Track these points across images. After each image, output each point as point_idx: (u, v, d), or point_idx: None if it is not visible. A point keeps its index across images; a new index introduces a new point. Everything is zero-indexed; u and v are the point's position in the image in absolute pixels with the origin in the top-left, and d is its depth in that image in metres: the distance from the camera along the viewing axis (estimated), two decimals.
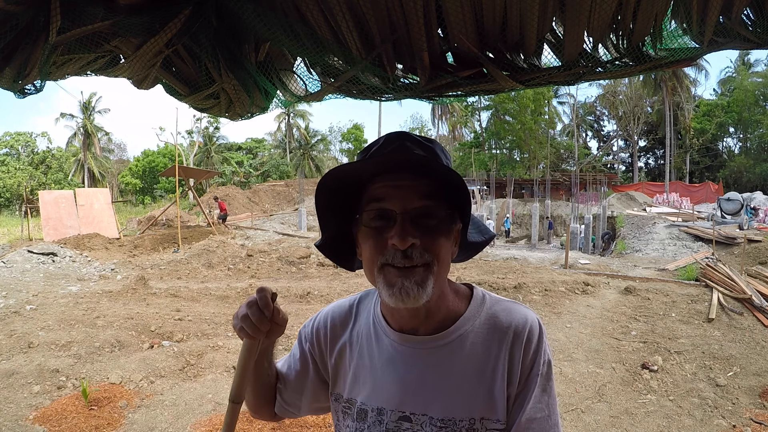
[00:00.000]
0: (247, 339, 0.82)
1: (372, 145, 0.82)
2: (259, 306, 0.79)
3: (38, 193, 18.32)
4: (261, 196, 31.17)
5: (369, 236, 0.77)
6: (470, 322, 0.82)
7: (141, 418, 3.73)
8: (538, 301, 7.41)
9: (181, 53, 1.47)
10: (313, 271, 10.22)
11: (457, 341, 0.81)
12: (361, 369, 0.87)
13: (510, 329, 0.80)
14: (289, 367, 0.98)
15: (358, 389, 0.86)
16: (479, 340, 0.81)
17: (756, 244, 11.98)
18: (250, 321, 0.79)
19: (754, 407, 4.15)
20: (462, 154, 44.96)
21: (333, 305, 0.98)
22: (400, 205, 0.74)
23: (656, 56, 1.32)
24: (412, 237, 0.72)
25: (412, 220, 0.73)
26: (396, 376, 0.82)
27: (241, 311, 0.81)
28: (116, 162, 50.35)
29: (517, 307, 0.85)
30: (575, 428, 3.79)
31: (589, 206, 22.24)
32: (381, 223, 0.75)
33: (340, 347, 0.91)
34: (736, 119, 37.85)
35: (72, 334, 5.38)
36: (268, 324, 0.80)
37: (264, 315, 0.79)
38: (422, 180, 0.75)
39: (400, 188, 0.74)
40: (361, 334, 0.89)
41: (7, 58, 1.28)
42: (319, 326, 0.95)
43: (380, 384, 0.83)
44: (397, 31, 1.30)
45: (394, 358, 0.83)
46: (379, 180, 0.77)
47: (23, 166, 42.25)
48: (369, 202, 0.77)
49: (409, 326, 0.83)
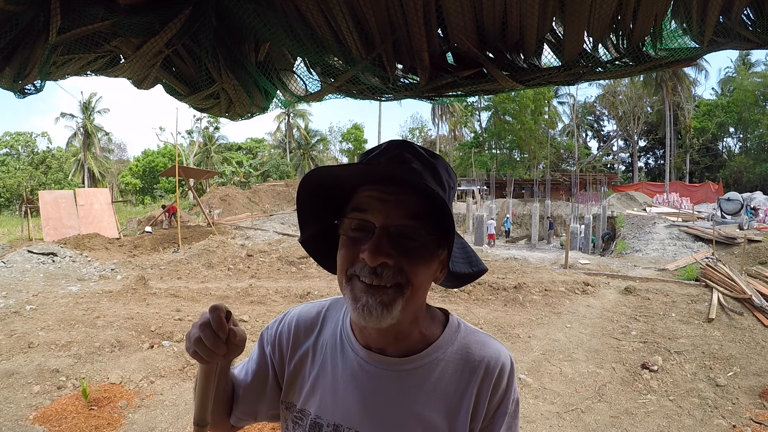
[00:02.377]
0: (202, 363, 0.74)
1: (373, 149, 0.78)
2: (213, 327, 0.70)
3: (38, 193, 18.33)
4: (261, 196, 31.17)
5: (344, 244, 0.73)
6: (442, 350, 0.79)
7: (141, 418, 3.73)
8: (538, 301, 7.41)
9: (181, 53, 1.47)
10: (313, 271, 10.22)
11: (426, 368, 0.78)
12: (321, 381, 0.82)
13: (482, 364, 0.78)
14: (246, 372, 0.91)
15: (313, 401, 0.82)
16: (449, 369, 0.78)
17: (756, 244, 11.99)
18: (203, 345, 0.70)
19: (754, 407, 4.15)
20: (462, 154, 44.97)
21: (299, 308, 0.93)
22: (381, 220, 0.69)
23: (656, 56, 1.32)
24: (385, 256, 0.68)
25: (390, 237, 0.69)
26: (358, 395, 0.78)
27: (194, 333, 0.72)
28: (116, 162, 50.37)
29: (491, 341, 0.82)
30: (575, 428, 3.79)
31: (589, 206, 22.24)
32: (359, 234, 0.71)
33: (302, 354, 0.86)
34: (736, 119, 37.85)
35: (72, 334, 5.38)
36: (224, 347, 0.71)
37: (219, 337, 0.70)
38: (412, 197, 0.69)
39: (384, 202, 0.70)
40: (325, 344, 0.85)
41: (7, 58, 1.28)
42: (283, 329, 0.90)
43: (340, 400, 0.79)
44: (397, 31, 1.30)
45: (358, 375, 0.79)
46: (366, 188, 0.72)
47: (23, 166, 42.25)
48: (351, 210, 0.73)
49: (378, 345, 0.79)
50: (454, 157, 45.21)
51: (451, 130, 47.52)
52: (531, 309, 7.01)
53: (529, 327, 6.22)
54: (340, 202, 0.77)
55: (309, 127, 47.56)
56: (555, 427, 3.80)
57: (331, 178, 0.74)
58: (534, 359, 5.14)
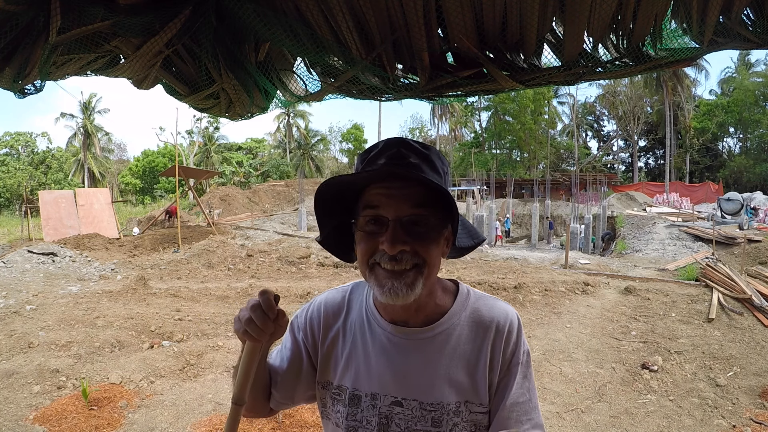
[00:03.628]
0: (251, 342, 0.82)
1: (371, 149, 0.86)
2: (263, 308, 0.80)
3: (38, 193, 18.34)
4: (261, 196, 31.16)
5: (362, 239, 0.82)
6: (456, 316, 0.90)
7: (141, 418, 3.73)
8: (538, 301, 7.41)
9: (181, 53, 1.47)
10: (313, 271, 10.22)
11: (445, 333, 0.88)
12: (354, 357, 0.91)
13: (492, 323, 0.89)
14: (282, 359, 1.00)
15: (349, 376, 0.91)
16: (464, 332, 0.89)
17: (756, 244, 11.98)
18: (254, 324, 0.80)
19: (754, 407, 4.15)
20: (462, 154, 44.95)
21: (325, 295, 1.02)
22: (392, 213, 0.79)
23: (656, 56, 1.32)
24: (402, 243, 0.78)
25: (403, 226, 0.78)
26: (389, 365, 0.88)
27: (244, 314, 0.81)
28: (116, 162, 50.37)
29: (498, 303, 0.93)
30: (575, 428, 3.79)
31: (589, 206, 22.23)
32: (374, 227, 0.80)
33: (333, 336, 0.95)
34: (736, 119, 37.83)
35: (72, 334, 5.38)
36: (272, 326, 0.81)
37: (268, 317, 0.80)
38: (416, 188, 0.79)
39: (393, 197, 0.79)
40: (354, 324, 0.94)
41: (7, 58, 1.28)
42: (313, 315, 0.99)
43: (374, 371, 0.89)
44: (397, 31, 1.30)
45: (387, 347, 0.89)
46: (374, 187, 0.81)
47: (23, 166, 42.26)
48: (364, 208, 0.82)
49: (401, 318, 0.89)
50: (454, 157, 45.20)
51: (451, 130, 47.52)
52: (531, 309, 7.00)
53: (529, 327, 6.22)
54: (351, 203, 0.87)
55: (309, 127, 47.55)
56: (555, 427, 3.80)
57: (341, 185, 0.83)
58: (534, 359, 5.14)
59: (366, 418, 0.88)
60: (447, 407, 0.85)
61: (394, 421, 0.86)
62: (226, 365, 4.74)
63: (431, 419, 0.85)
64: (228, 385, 4.34)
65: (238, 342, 3.96)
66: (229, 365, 4.73)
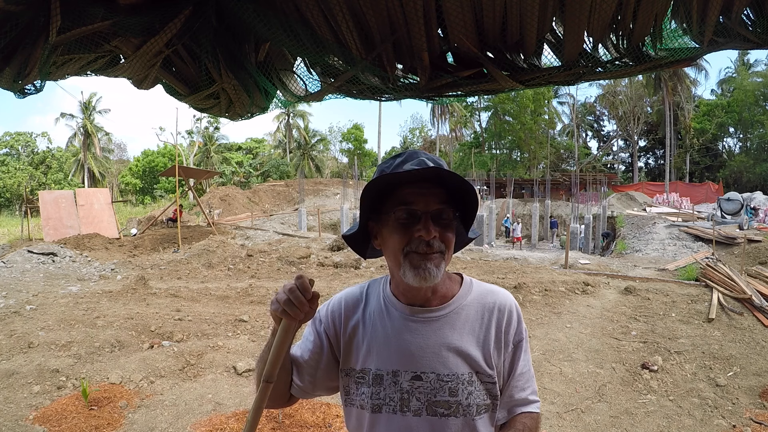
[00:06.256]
0: (287, 320, 0.91)
1: (395, 157, 1.01)
2: (300, 290, 0.89)
3: (38, 193, 18.33)
4: (261, 196, 31.16)
5: (396, 230, 0.96)
6: (463, 299, 1.05)
7: (141, 418, 3.73)
8: (538, 301, 7.41)
9: (181, 53, 1.47)
10: (313, 271, 10.21)
11: (455, 312, 1.03)
12: (374, 342, 1.03)
13: (495, 305, 1.05)
14: (303, 350, 1.10)
15: (371, 359, 1.02)
16: (472, 312, 1.04)
17: (756, 244, 11.98)
18: (291, 303, 0.89)
19: (754, 407, 4.15)
20: (462, 154, 44.92)
21: (344, 291, 1.15)
22: (424, 207, 0.94)
23: (656, 56, 1.32)
24: (435, 231, 0.93)
25: (432, 218, 0.94)
26: (408, 343, 1.00)
27: (281, 296, 0.91)
28: (116, 162, 50.34)
29: (498, 289, 1.10)
30: (575, 428, 3.79)
31: (589, 206, 22.23)
32: (409, 220, 0.95)
33: (354, 325, 1.07)
34: (736, 119, 37.81)
35: (72, 334, 5.38)
36: (307, 306, 0.90)
37: (304, 297, 0.89)
38: (438, 188, 0.96)
39: (423, 195, 0.95)
40: (373, 312, 1.06)
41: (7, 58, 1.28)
42: (334, 309, 1.10)
43: (394, 350, 1.01)
44: (397, 31, 1.30)
45: (405, 328, 1.02)
46: (406, 187, 0.96)
47: (23, 166, 42.27)
48: (399, 204, 0.95)
49: (420, 301, 1.03)
50: (454, 157, 45.18)
51: (451, 130, 47.50)
52: (531, 309, 7.00)
53: (529, 327, 6.21)
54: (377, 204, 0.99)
55: (309, 127, 47.53)
56: (555, 427, 3.80)
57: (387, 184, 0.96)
58: (534, 359, 5.14)
59: (389, 395, 0.99)
60: (461, 377, 0.98)
61: (415, 395, 0.98)
62: (226, 365, 4.74)
63: (448, 389, 0.97)
64: (228, 386, 4.34)
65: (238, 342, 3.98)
66: (229, 365, 4.73)
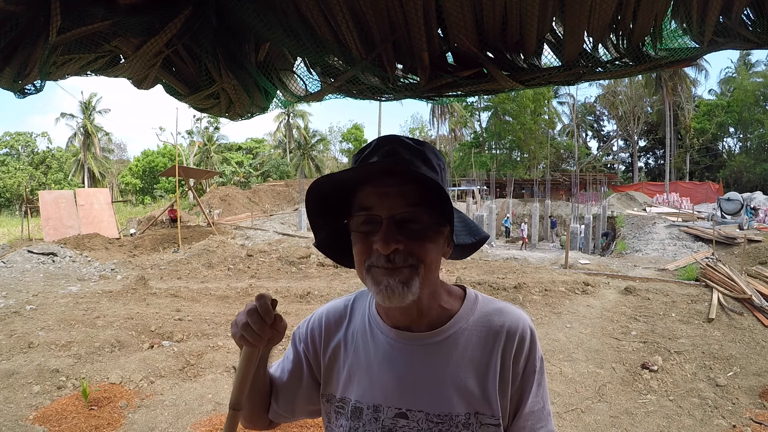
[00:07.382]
0: (248, 347, 0.81)
1: (365, 148, 0.82)
2: (260, 313, 0.78)
3: (38, 193, 18.34)
4: (261, 196, 31.17)
5: (357, 240, 0.79)
6: (464, 320, 0.85)
7: (141, 418, 3.73)
8: (538, 301, 7.41)
9: (181, 53, 1.47)
10: (313, 271, 10.22)
11: (452, 338, 0.83)
12: (356, 367, 0.87)
13: (503, 329, 0.83)
14: (282, 370, 0.97)
15: (352, 388, 0.87)
16: (473, 337, 0.83)
17: (756, 244, 11.98)
18: (251, 329, 0.78)
19: (754, 407, 4.15)
20: (462, 154, 44.93)
21: (327, 305, 0.98)
22: (386, 211, 0.75)
23: (656, 56, 1.32)
24: (396, 242, 0.74)
25: (397, 225, 0.75)
26: (392, 373, 0.83)
27: (241, 319, 0.79)
28: (116, 162, 50.34)
29: (509, 307, 0.88)
30: (575, 428, 3.79)
31: (589, 206, 22.24)
32: (368, 227, 0.77)
33: (334, 347, 0.91)
34: (736, 119, 37.82)
35: (72, 334, 5.38)
36: (269, 331, 0.79)
37: (265, 322, 0.78)
38: (410, 186, 0.75)
39: (386, 195, 0.75)
40: (356, 332, 0.90)
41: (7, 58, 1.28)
42: (314, 326, 0.95)
43: (376, 381, 0.84)
44: (397, 31, 1.30)
45: (390, 354, 0.84)
46: (367, 186, 0.77)
47: (23, 166, 42.27)
48: (358, 209, 0.78)
49: (404, 324, 0.85)
50: (454, 157, 45.19)
51: (451, 130, 47.50)
52: (531, 309, 7.00)
53: None
54: (344, 204, 0.82)
55: (309, 127, 47.55)
56: (555, 427, 3.79)
57: (332, 184, 0.78)
58: None
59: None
60: (456, 419, 0.79)
61: None
62: (226, 365, 4.74)
63: None
64: (228, 385, 4.34)
65: None
66: (229, 365, 4.73)
